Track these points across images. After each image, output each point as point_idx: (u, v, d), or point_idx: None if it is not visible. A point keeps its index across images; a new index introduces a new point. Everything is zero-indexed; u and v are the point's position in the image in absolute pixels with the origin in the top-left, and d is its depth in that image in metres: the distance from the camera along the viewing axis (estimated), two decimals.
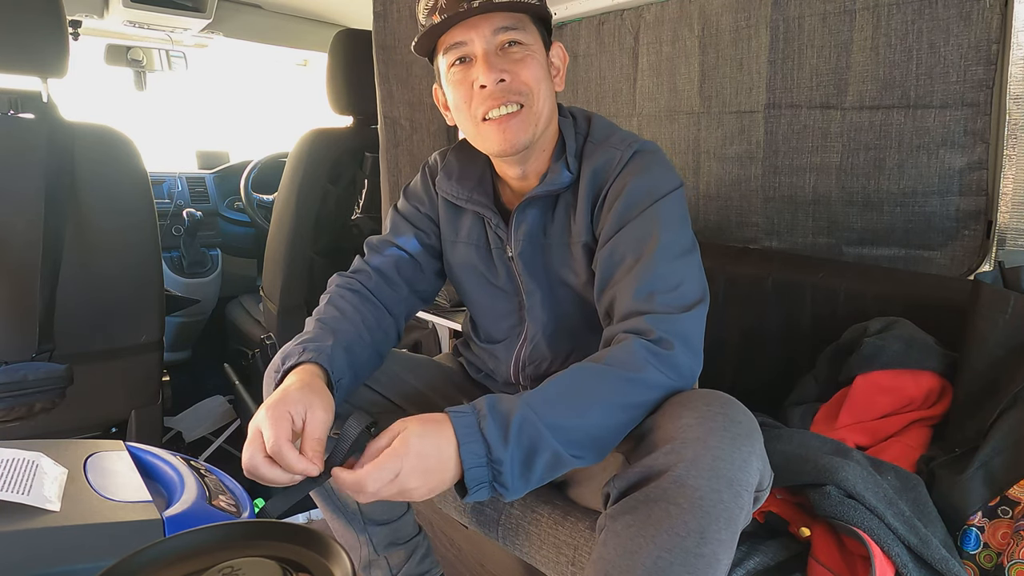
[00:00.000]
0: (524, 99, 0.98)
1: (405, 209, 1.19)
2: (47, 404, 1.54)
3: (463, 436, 0.78)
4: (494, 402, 0.81)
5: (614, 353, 0.87)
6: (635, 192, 0.97)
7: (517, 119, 0.98)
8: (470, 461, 0.77)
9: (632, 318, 0.90)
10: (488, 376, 1.24)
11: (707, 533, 0.74)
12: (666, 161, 1.03)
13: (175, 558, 0.68)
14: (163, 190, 2.79)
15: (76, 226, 1.60)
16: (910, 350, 1.15)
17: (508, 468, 0.77)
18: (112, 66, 2.52)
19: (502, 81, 0.96)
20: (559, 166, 1.04)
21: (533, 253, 1.08)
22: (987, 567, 0.91)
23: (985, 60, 1.20)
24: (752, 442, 0.78)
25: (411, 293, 1.17)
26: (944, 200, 1.29)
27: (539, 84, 0.99)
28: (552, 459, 0.80)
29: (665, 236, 0.94)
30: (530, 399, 0.81)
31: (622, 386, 0.84)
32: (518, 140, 0.99)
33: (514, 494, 0.80)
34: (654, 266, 0.92)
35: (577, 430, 0.81)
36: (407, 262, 1.16)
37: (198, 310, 2.66)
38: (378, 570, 1.25)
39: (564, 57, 1.07)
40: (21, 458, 0.92)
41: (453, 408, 0.80)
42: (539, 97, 0.99)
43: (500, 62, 0.97)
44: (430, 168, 1.19)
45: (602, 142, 1.04)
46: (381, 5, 1.80)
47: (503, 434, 0.78)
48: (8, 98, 1.56)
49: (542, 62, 1.01)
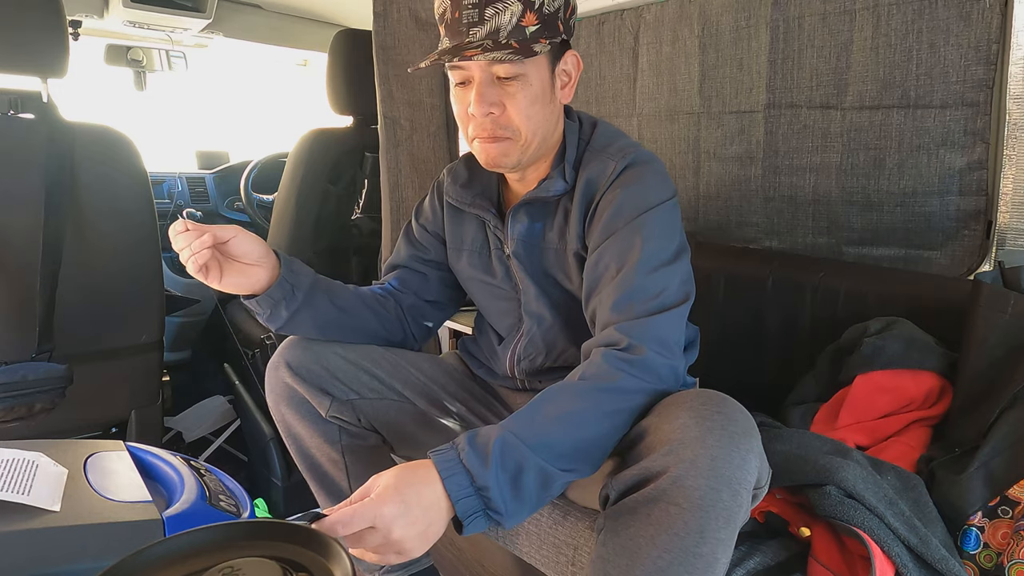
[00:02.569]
0: (511, 133, 1.00)
1: (412, 230, 1.26)
2: (47, 404, 1.54)
3: (445, 471, 0.78)
4: (473, 435, 0.81)
5: (586, 369, 0.88)
6: (623, 203, 0.97)
7: (502, 144, 1.01)
8: (456, 493, 0.77)
9: (606, 329, 0.92)
10: (488, 371, 1.26)
11: (706, 532, 0.74)
12: (661, 172, 1.02)
13: (175, 558, 0.68)
14: (163, 190, 2.79)
15: (76, 226, 1.59)
16: (910, 350, 1.15)
17: (496, 493, 0.78)
18: (112, 66, 2.52)
19: (491, 114, 0.98)
20: (556, 173, 1.05)
21: (529, 253, 1.10)
22: (987, 567, 0.91)
23: (985, 60, 1.20)
24: (750, 440, 0.78)
25: (417, 298, 1.24)
26: (944, 200, 1.29)
27: (528, 119, 0.99)
28: (541, 477, 0.80)
29: (648, 247, 0.94)
30: (509, 424, 0.82)
31: (599, 396, 0.85)
32: (502, 163, 1.03)
33: (512, 518, 0.80)
34: (634, 277, 0.92)
35: (561, 445, 0.82)
36: (408, 275, 1.24)
37: (198, 310, 2.65)
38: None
39: (578, 65, 1.05)
40: (21, 458, 0.92)
41: (434, 449, 0.81)
42: (527, 130, 1.00)
43: (492, 93, 0.98)
44: (439, 183, 1.23)
45: (600, 151, 1.04)
46: (381, 5, 1.80)
47: (483, 460, 0.78)
48: (8, 98, 1.56)
49: (539, 90, 0.99)
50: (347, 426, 1.18)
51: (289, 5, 2.50)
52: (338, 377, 1.15)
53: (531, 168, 1.08)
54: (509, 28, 0.94)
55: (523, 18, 0.94)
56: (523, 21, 0.94)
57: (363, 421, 1.18)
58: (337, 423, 1.17)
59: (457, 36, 0.95)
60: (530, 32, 0.95)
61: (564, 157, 1.06)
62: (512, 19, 0.93)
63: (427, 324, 1.27)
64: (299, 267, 1.11)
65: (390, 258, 1.29)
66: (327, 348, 1.16)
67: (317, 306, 1.12)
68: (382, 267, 1.47)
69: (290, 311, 1.09)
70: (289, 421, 1.19)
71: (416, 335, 1.27)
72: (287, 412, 1.18)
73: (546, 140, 1.04)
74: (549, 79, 1.01)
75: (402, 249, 1.27)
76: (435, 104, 1.90)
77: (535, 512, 0.85)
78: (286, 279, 1.07)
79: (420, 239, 1.25)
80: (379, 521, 0.74)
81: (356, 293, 1.19)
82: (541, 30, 0.95)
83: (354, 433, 1.19)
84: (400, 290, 1.23)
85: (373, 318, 1.19)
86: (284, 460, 1.96)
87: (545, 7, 0.95)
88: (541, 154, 1.06)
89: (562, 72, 1.03)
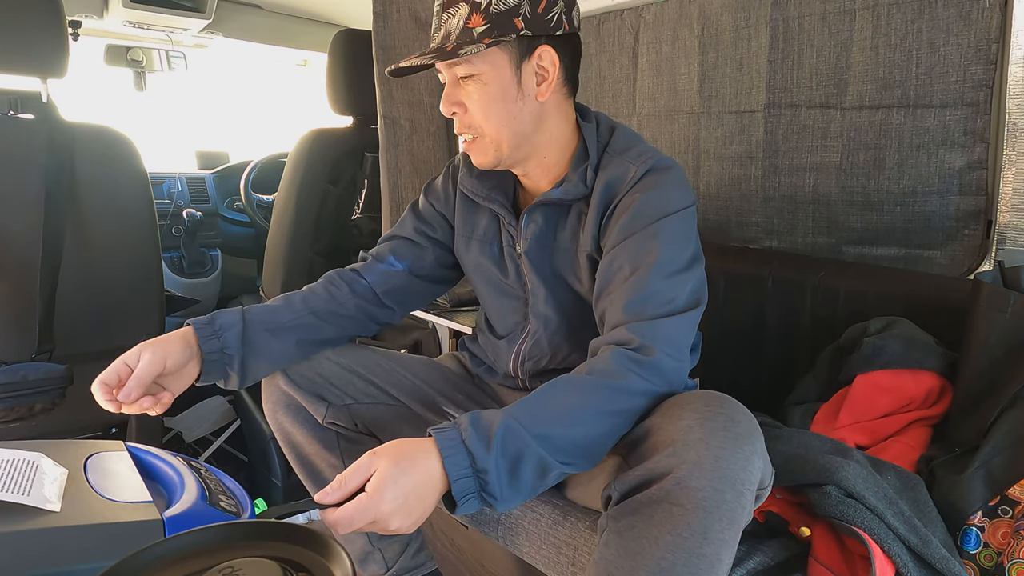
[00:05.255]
0: (475, 131, 1.04)
1: (420, 204, 1.25)
2: (47, 404, 1.54)
3: (446, 450, 0.78)
4: (476, 416, 0.81)
5: (595, 365, 0.88)
6: (642, 208, 0.97)
7: (475, 145, 1.05)
8: (455, 473, 0.77)
9: (617, 328, 0.92)
10: (489, 369, 1.26)
11: (710, 533, 0.74)
12: (681, 179, 1.02)
13: (175, 558, 0.69)
14: (163, 190, 2.79)
15: (76, 226, 1.59)
16: (910, 350, 1.15)
17: (494, 476, 0.78)
18: (112, 66, 2.52)
19: (454, 113, 1.03)
20: (577, 176, 1.05)
21: (540, 253, 1.10)
22: (987, 567, 0.91)
23: (985, 60, 1.20)
24: (753, 441, 0.78)
25: (408, 273, 1.22)
26: (944, 200, 1.29)
27: (488, 118, 1.01)
28: (539, 466, 0.81)
29: (665, 252, 0.94)
30: (513, 411, 0.82)
31: (605, 394, 0.85)
32: (482, 162, 1.07)
33: (505, 504, 0.80)
34: (649, 281, 0.92)
35: (563, 438, 0.82)
36: (407, 245, 1.22)
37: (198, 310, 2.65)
38: (373, 563, 1.26)
39: (554, 60, 1.01)
40: (21, 458, 0.92)
41: (435, 427, 0.81)
42: (489, 129, 1.02)
43: (453, 94, 1.03)
44: (454, 167, 1.22)
45: (619, 155, 1.04)
46: (381, 5, 1.80)
47: (486, 444, 0.78)
48: (8, 98, 1.56)
49: (497, 89, 1.00)
50: (345, 432, 1.18)
51: (289, 5, 2.50)
52: (333, 383, 1.15)
53: (537, 168, 1.08)
54: (457, 31, 0.97)
55: (469, 19, 0.96)
56: (469, 23, 0.96)
57: (360, 426, 1.18)
58: (335, 429, 1.17)
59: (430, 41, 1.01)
60: (477, 33, 0.96)
61: (583, 159, 1.06)
62: (459, 22, 0.97)
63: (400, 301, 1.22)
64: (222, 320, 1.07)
65: (391, 228, 1.27)
66: (321, 355, 1.17)
67: (260, 347, 1.09)
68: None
69: (237, 368, 1.08)
70: (287, 429, 1.19)
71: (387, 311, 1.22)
72: (284, 420, 1.18)
73: (528, 139, 1.04)
74: (512, 76, 1.00)
75: (408, 221, 1.24)
76: (435, 104, 1.90)
77: (528, 499, 0.85)
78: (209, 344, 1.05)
79: (427, 216, 1.23)
80: (379, 517, 0.75)
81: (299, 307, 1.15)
82: (489, 30, 0.96)
83: (352, 438, 1.19)
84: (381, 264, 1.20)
85: (326, 326, 1.15)
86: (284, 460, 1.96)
87: (492, 7, 0.96)
88: (537, 153, 1.06)
89: (535, 69, 1.01)
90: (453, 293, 1.79)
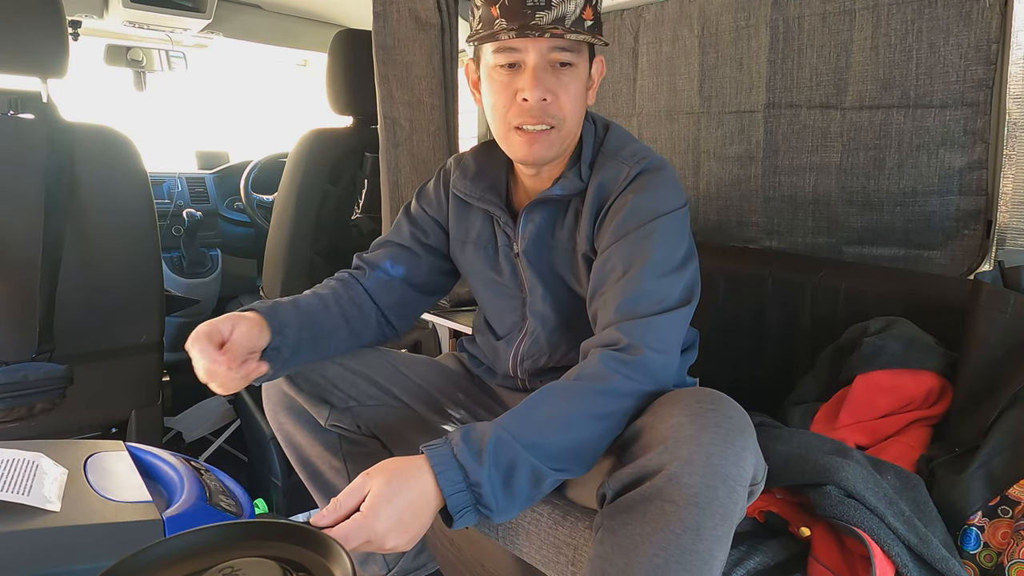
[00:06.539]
0: (557, 122, 1.00)
1: (412, 209, 1.24)
2: (47, 404, 1.54)
3: (438, 466, 0.78)
4: (467, 430, 0.82)
5: (582, 369, 0.89)
6: (635, 208, 0.98)
7: (547, 137, 1.00)
8: (449, 488, 0.78)
9: (607, 329, 0.92)
10: (488, 370, 1.26)
11: (702, 530, 0.74)
12: (673, 179, 1.02)
13: (175, 558, 0.69)
14: (163, 190, 2.78)
15: (76, 226, 1.59)
16: (910, 350, 1.15)
17: (488, 489, 0.78)
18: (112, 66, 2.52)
19: (544, 100, 0.98)
20: (572, 173, 1.05)
21: (538, 252, 1.10)
22: (987, 567, 0.92)
23: (985, 60, 1.20)
24: (744, 437, 0.78)
25: (404, 283, 1.20)
26: (944, 200, 1.29)
27: (575, 111, 1.01)
28: (533, 475, 0.81)
29: (658, 253, 0.94)
30: (503, 421, 0.83)
31: (593, 398, 0.86)
32: (543, 156, 1.02)
33: (501, 515, 0.81)
34: (640, 281, 0.93)
35: (554, 445, 0.83)
36: (403, 253, 1.21)
37: (198, 310, 2.65)
38: (374, 564, 1.26)
39: (602, 71, 1.07)
40: (21, 458, 0.92)
41: (427, 444, 0.81)
42: (571, 121, 1.01)
43: (547, 79, 0.97)
44: (445, 172, 1.22)
45: (613, 154, 1.04)
46: (381, 5, 1.80)
47: (478, 457, 0.78)
48: (8, 98, 1.56)
49: (583, 84, 1.01)
50: (347, 434, 1.18)
51: (289, 5, 2.50)
52: (336, 385, 1.15)
53: (549, 167, 1.08)
54: (573, 18, 0.96)
55: (584, 11, 0.96)
56: (584, 14, 0.96)
57: (362, 428, 1.18)
58: (337, 431, 1.17)
59: (519, 18, 0.94)
60: (587, 26, 0.97)
61: (579, 156, 1.06)
62: (576, 10, 0.96)
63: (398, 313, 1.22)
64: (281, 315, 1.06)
65: (385, 234, 1.26)
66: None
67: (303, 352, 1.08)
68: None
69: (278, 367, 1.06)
70: (289, 431, 1.19)
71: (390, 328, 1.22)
72: (286, 422, 1.18)
73: (576, 137, 1.05)
74: (587, 75, 1.03)
75: (403, 227, 1.23)
76: (435, 104, 1.90)
77: (525, 508, 0.85)
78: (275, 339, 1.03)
79: (420, 221, 1.22)
80: (374, 536, 0.75)
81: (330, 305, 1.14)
82: (595, 26, 0.99)
83: (354, 440, 1.18)
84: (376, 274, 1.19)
85: (345, 328, 1.15)
86: (284, 460, 1.96)
87: (599, 6, 0.99)
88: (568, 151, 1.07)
89: (593, 73, 1.05)
90: (453, 293, 1.79)
